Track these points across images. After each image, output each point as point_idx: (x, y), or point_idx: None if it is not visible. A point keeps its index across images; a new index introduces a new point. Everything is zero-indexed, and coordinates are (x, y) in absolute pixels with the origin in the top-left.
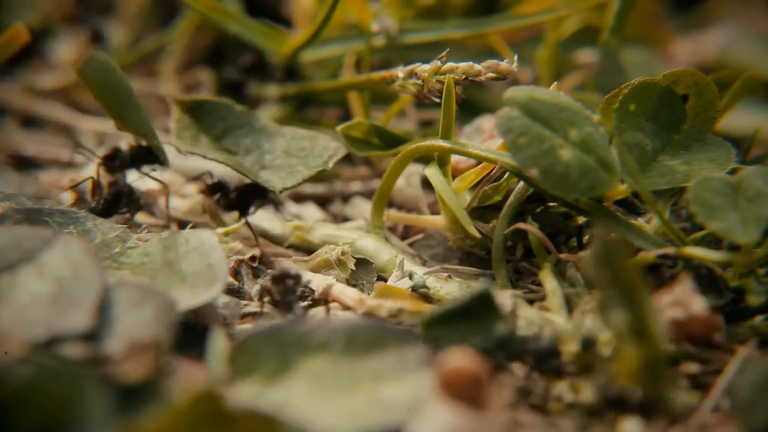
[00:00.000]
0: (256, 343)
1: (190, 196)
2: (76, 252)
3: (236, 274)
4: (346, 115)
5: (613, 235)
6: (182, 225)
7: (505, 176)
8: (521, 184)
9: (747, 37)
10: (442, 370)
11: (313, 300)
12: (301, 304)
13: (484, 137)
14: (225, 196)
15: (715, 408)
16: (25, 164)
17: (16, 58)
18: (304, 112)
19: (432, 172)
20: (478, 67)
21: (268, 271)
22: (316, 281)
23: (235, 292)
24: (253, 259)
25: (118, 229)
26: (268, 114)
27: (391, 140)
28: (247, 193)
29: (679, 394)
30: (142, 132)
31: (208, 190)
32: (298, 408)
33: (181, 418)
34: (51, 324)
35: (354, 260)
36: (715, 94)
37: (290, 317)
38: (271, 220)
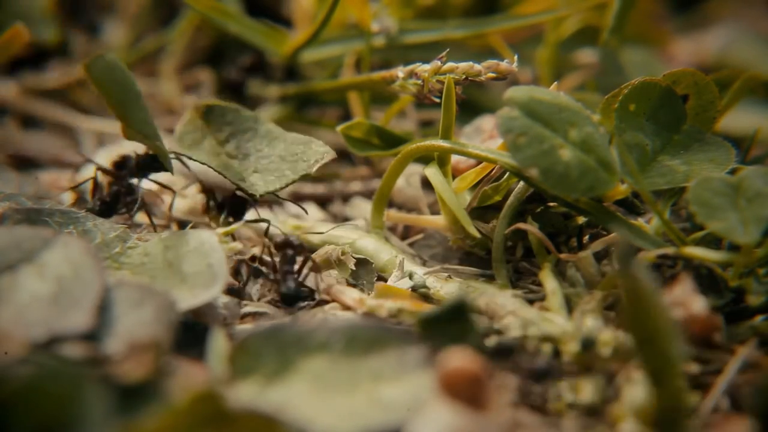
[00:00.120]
0: (256, 343)
1: (191, 197)
2: (76, 252)
3: (236, 274)
4: (346, 115)
5: (644, 273)
6: (182, 225)
7: (505, 176)
8: (521, 184)
9: (747, 37)
10: (442, 370)
11: (314, 300)
12: (296, 274)
13: (484, 137)
14: (214, 201)
15: (715, 408)
16: (25, 164)
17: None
18: (304, 112)
19: (432, 172)
20: (478, 67)
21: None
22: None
23: (235, 292)
24: (253, 259)
25: (118, 229)
26: (268, 114)
27: (391, 140)
28: (233, 199)
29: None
30: (147, 135)
31: (203, 196)
32: (298, 408)
33: (181, 418)
34: (51, 324)
35: (354, 260)
36: (715, 94)
37: (283, 288)
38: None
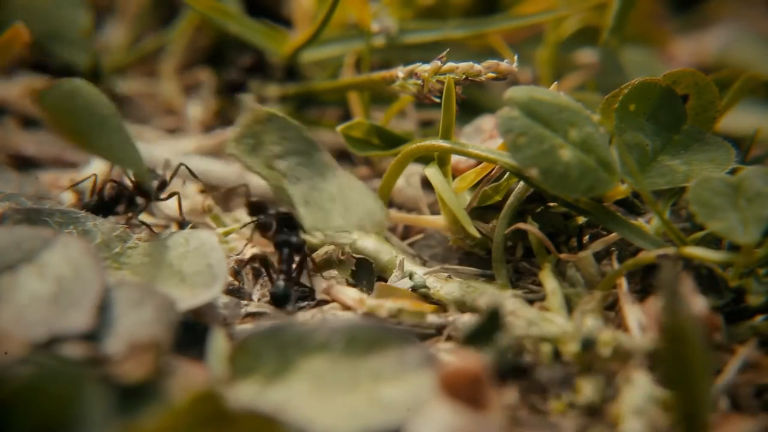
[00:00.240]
0: (256, 343)
1: (191, 197)
2: (76, 252)
3: (236, 274)
4: (346, 115)
5: (688, 311)
6: (182, 225)
7: (505, 176)
8: (521, 184)
9: (747, 37)
10: (442, 370)
11: (314, 300)
12: (292, 274)
13: (484, 137)
14: (264, 216)
15: (714, 408)
16: (25, 164)
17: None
18: (304, 112)
19: (432, 172)
20: (478, 67)
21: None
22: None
23: (235, 292)
24: (254, 259)
25: (118, 229)
26: None
27: (391, 140)
28: (281, 220)
29: None
30: (121, 160)
31: (249, 207)
32: (298, 408)
33: (181, 418)
34: (51, 324)
35: (354, 260)
36: (715, 94)
37: (272, 288)
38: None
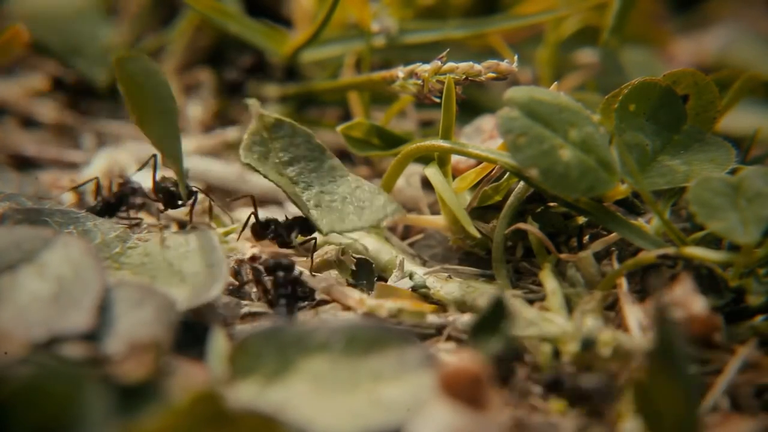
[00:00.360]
0: (256, 343)
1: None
2: (77, 252)
3: (236, 274)
4: (346, 115)
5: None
6: (182, 225)
7: (505, 176)
8: (521, 184)
9: (747, 37)
10: (442, 370)
11: (314, 300)
12: (285, 300)
13: (484, 137)
14: (276, 229)
15: (714, 408)
16: (25, 164)
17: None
18: (304, 112)
19: (432, 172)
20: (478, 67)
21: (262, 261)
22: (312, 281)
23: (235, 292)
24: (254, 259)
25: (118, 229)
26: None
27: (391, 140)
28: (293, 226)
29: None
30: (170, 156)
31: (259, 225)
32: (298, 408)
33: (181, 418)
34: (51, 324)
35: (354, 260)
36: (715, 94)
37: (277, 311)
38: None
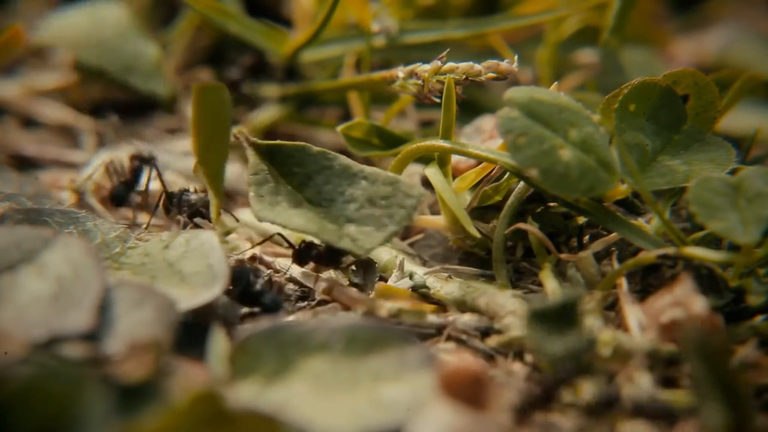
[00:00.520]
0: (256, 343)
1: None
2: (77, 252)
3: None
4: (346, 115)
5: (706, 327)
6: (183, 225)
7: (505, 176)
8: (521, 184)
9: (747, 37)
10: (442, 370)
11: (314, 300)
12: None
13: (484, 137)
14: (314, 256)
15: None
16: (25, 164)
17: None
18: (304, 112)
19: (432, 172)
20: (478, 67)
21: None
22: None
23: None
24: (253, 259)
25: (118, 229)
26: (268, 114)
27: (391, 140)
28: (332, 253)
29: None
30: (213, 182)
31: (297, 255)
32: (298, 408)
33: (181, 418)
34: (51, 324)
35: (354, 260)
36: (715, 94)
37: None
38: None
